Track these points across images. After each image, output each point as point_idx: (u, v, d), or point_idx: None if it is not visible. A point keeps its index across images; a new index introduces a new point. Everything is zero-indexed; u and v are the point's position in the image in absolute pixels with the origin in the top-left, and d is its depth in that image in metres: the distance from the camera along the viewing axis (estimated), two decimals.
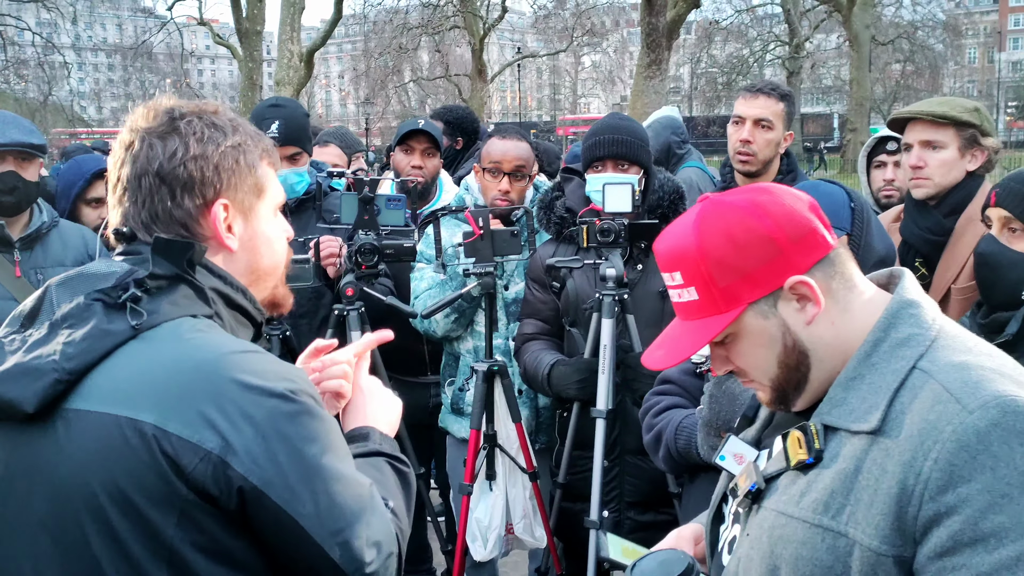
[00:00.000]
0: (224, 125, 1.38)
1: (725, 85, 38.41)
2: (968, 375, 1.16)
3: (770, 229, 1.24)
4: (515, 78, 48.39)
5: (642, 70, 15.07)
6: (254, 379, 1.23)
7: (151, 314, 1.26)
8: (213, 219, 1.36)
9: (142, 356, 1.24)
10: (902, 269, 1.35)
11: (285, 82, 20.73)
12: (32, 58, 32.47)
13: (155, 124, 1.35)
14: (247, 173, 1.39)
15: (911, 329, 1.23)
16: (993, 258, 2.23)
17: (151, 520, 1.19)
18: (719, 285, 1.25)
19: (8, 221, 2.78)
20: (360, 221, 2.89)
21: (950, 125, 2.70)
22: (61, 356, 1.22)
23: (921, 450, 1.12)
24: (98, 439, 1.20)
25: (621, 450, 2.88)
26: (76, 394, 1.23)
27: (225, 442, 1.19)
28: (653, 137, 4.58)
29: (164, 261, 1.30)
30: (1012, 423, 1.10)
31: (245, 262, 1.41)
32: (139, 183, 1.34)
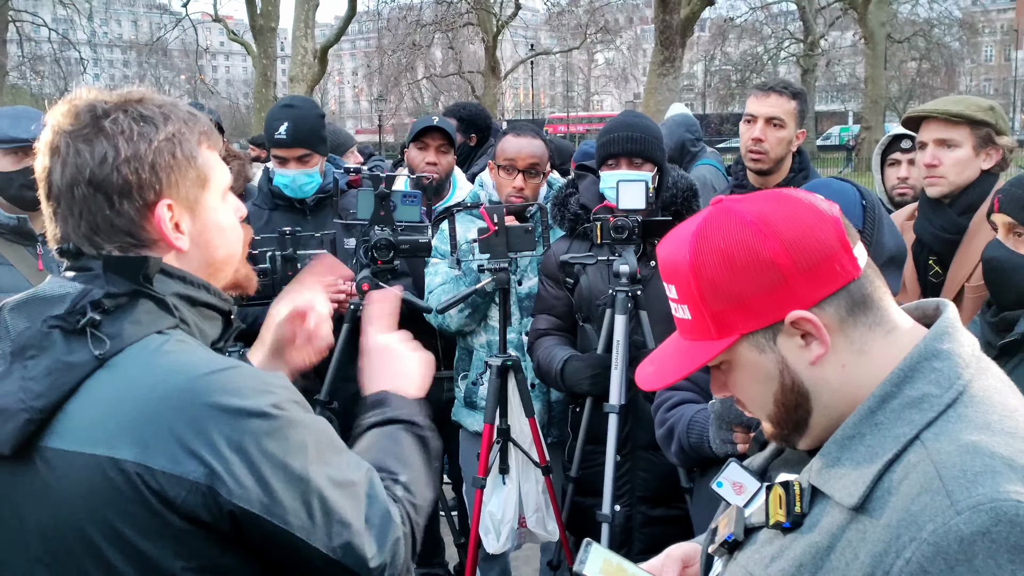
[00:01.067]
0: (153, 116, 1.28)
1: (739, 83, 38.29)
2: (971, 462, 0.98)
3: (775, 253, 1.07)
4: (528, 75, 48.39)
5: (656, 67, 15.06)
6: (232, 399, 1.19)
7: (113, 339, 1.20)
8: (158, 221, 1.27)
9: (111, 388, 1.19)
10: (946, 303, 1.17)
11: (299, 79, 20.80)
12: (48, 54, 32.71)
13: (78, 125, 1.25)
14: (187, 166, 1.30)
15: (927, 388, 1.06)
16: (1000, 262, 2.24)
17: (148, 553, 1.18)
18: (711, 309, 1.11)
19: (31, 215, 2.82)
20: (376, 217, 2.92)
21: (965, 124, 2.71)
22: (28, 394, 1.18)
23: (896, 545, 0.98)
24: (81, 480, 1.17)
25: (633, 445, 2.90)
26: (51, 432, 1.19)
27: (210, 470, 1.16)
28: (667, 135, 4.61)
29: (118, 278, 1.24)
30: (1004, 535, 0.93)
31: (200, 258, 1.34)
32: (72, 193, 1.25)
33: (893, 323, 1.12)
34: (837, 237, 1.09)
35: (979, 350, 1.13)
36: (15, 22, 28.48)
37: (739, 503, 1.24)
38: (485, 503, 3.03)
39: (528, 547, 3.66)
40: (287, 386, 1.28)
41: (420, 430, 1.48)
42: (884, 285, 1.14)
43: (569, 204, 3.07)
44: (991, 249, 2.28)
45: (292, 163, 3.31)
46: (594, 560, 1.39)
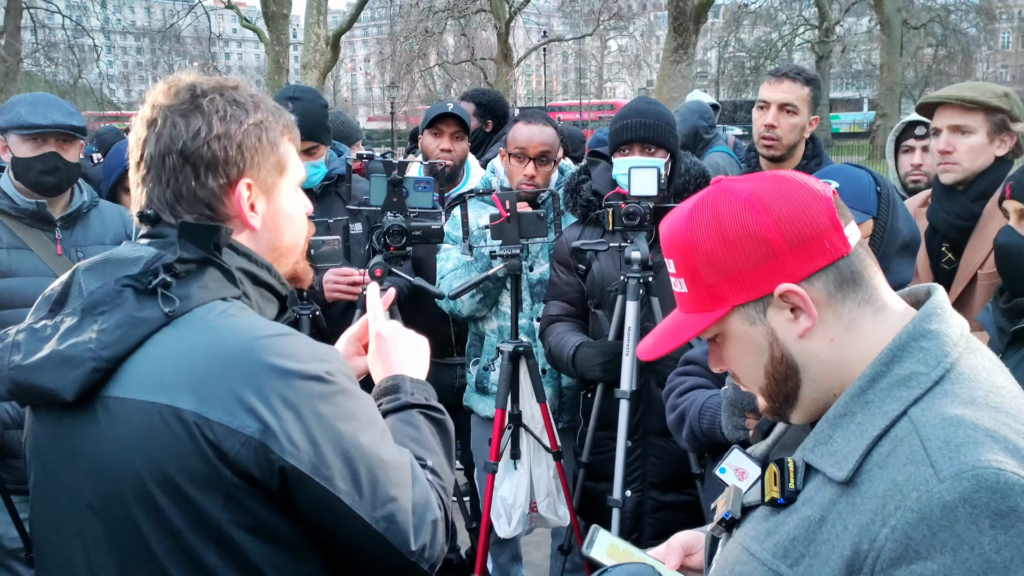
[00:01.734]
0: (245, 102, 1.37)
1: (753, 70, 38.03)
2: (954, 434, 1.01)
3: (766, 228, 1.11)
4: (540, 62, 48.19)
5: (669, 54, 14.98)
6: (288, 362, 1.23)
7: (182, 300, 1.26)
8: (237, 199, 1.35)
9: (177, 343, 1.24)
10: (937, 287, 1.20)
11: (311, 66, 20.79)
12: (62, 41, 32.79)
13: (176, 101, 1.34)
14: (270, 151, 1.38)
15: (915, 366, 1.09)
16: (1012, 249, 2.23)
17: (198, 503, 1.21)
18: (705, 282, 1.15)
19: (50, 201, 2.85)
20: (389, 203, 2.93)
21: (980, 110, 2.70)
22: (97, 344, 1.23)
23: (881, 514, 1.01)
24: (141, 427, 1.22)
25: (644, 431, 2.92)
26: (114, 382, 1.24)
27: (264, 426, 1.20)
28: (680, 122, 4.60)
29: (191, 245, 1.29)
30: (985, 500, 0.96)
31: (267, 240, 1.40)
32: (163, 162, 1.32)
33: (882, 302, 1.15)
34: (828, 215, 1.12)
35: (968, 331, 1.16)
36: (29, 9, 28.56)
37: (744, 487, 1.26)
38: (497, 488, 3.05)
39: (539, 532, 3.68)
40: (340, 359, 1.33)
41: (436, 413, 1.50)
42: (875, 265, 1.17)
43: (582, 190, 3.08)
44: (1003, 235, 2.27)
45: (299, 156, 3.32)
46: (601, 543, 1.43)
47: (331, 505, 1.24)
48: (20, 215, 2.82)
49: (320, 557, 1.31)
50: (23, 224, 2.83)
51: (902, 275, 2.14)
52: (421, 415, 1.49)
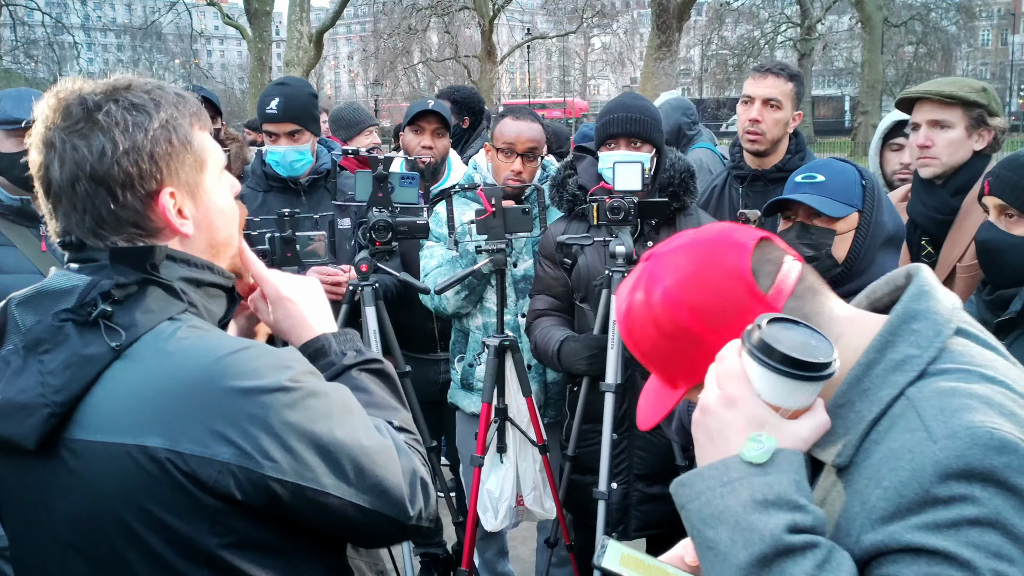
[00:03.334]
0: (144, 103, 1.27)
1: (736, 67, 38.16)
2: (949, 402, 1.02)
3: (687, 321, 1.15)
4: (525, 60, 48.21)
5: (652, 52, 15.02)
6: (249, 380, 1.21)
7: (127, 329, 1.22)
8: (162, 210, 1.28)
9: (131, 378, 1.21)
10: (918, 267, 1.22)
11: (294, 63, 20.72)
12: (42, 38, 32.47)
13: (72, 121, 1.25)
14: (184, 151, 1.29)
15: (908, 349, 1.11)
16: (993, 244, 2.27)
17: (183, 533, 1.20)
18: (657, 369, 1.23)
19: (33, 196, 2.83)
20: (374, 198, 2.94)
21: (958, 105, 2.73)
22: (47, 389, 1.19)
23: (875, 479, 1.02)
24: (112, 469, 1.19)
25: (630, 423, 2.93)
26: (74, 423, 1.21)
27: (239, 450, 1.18)
28: (663, 118, 4.61)
29: (126, 268, 1.25)
30: (979, 457, 0.97)
31: (204, 240, 1.35)
32: (73, 189, 1.24)
33: (837, 334, 1.15)
34: (746, 290, 1.14)
35: (960, 304, 1.17)
36: (8, 6, 28.28)
37: None
38: (483, 482, 3.06)
39: (525, 526, 3.69)
40: (300, 359, 1.30)
41: (374, 364, 1.47)
42: (821, 295, 1.18)
43: (567, 185, 3.09)
44: (983, 231, 2.30)
45: (283, 139, 3.33)
46: (612, 555, 1.42)
47: (323, 501, 1.24)
48: (4, 212, 2.80)
49: (311, 557, 1.32)
50: (7, 221, 2.81)
51: (887, 268, 2.17)
52: (363, 373, 1.45)
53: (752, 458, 1.01)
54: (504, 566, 3.78)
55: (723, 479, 1.02)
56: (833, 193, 2.17)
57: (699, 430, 1.09)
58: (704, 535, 1.02)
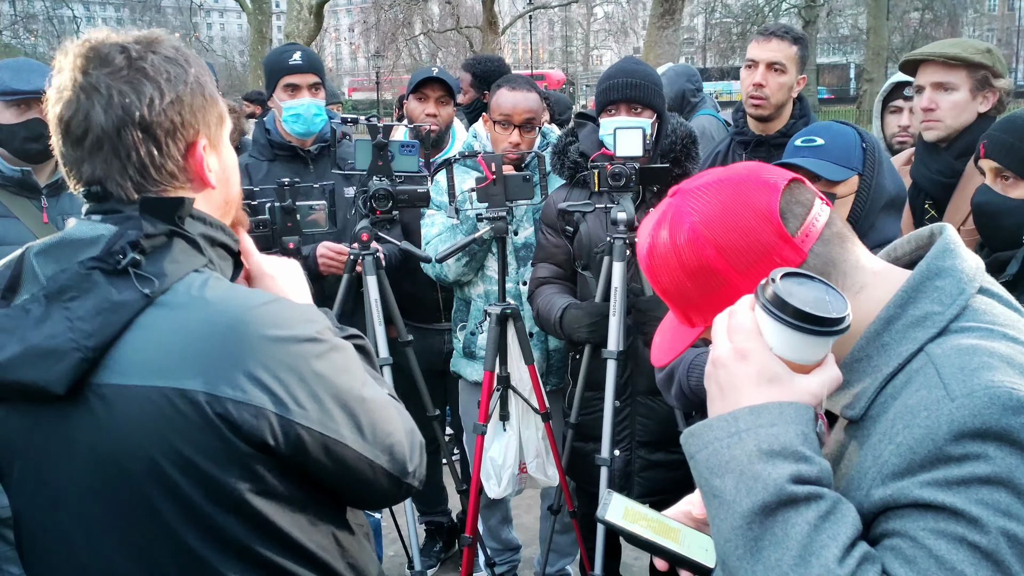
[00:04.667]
0: (176, 57, 1.31)
1: (739, 35, 37.78)
2: (969, 360, 1.01)
3: (712, 259, 1.13)
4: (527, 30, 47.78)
5: (655, 20, 14.85)
6: (283, 330, 1.25)
7: (159, 278, 1.23)
8: (198, 161, 1.32)
9: (166, 323, 1.22)
10: (944, 226, 1.19)
11: (295, 35, 20.47)
12: (41, 12, 32.23)
13: (115, 67, 1.25)
14: (212, 105, 1.34)
15: (930, 306, 1.09)
16: (990, 207, 2.25)
17: (215, 477, 1.22)
18: (677, 306, 1.22)
19: (35, 168, 2.82)
20: (374, 167, 2.92)
21: (962, 67, 2.70)
22: (79, 333, 1.19)
23: (888, 435, 1.01)
24: (148, 411, 1.20)
25: (632, 391, 2.94)
26: (104, 368, 1.21)
27: (274, 396, 1.21)
28: (667, 85, 4.57)
29: (155, 219, 1.26)
30: (996, 417, 0.95)
31: (221, 196, 1.38)
32: (119, 136, 1.25)
33: (861, 283, 1.14)
34: (774, 231, 1.12)
35: (983, 266, 1.15)
36: None
37: None
38: (486, 449, 3.07)
39: (529, 493, 3.72)
40: (322, 315, 1.35)
41: (355, 339, 1.48)
42: (851, 240, 1.17)
43: (569, 152, 3.07)
44: (980, 194, 2.28)
45: (305, 91, 3.34)
46: (616, 507, 1.42)
47: (342, 453, 1.28)
48: (6, 183, 2.79)
49: (326, 511, 1.36)
50: (9, 192, 2.80)
51: (888, 232, 2.15)
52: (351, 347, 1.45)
53: None
54: (508, 533, 3.81)
55: (731, 430, 1.03)
56: (833, 156, 2.15)
57: (711, 382, 1.09)
58: (711, 484, 1.03)
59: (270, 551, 1.28)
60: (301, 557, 1.32)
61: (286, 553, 1.30)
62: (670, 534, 1.36)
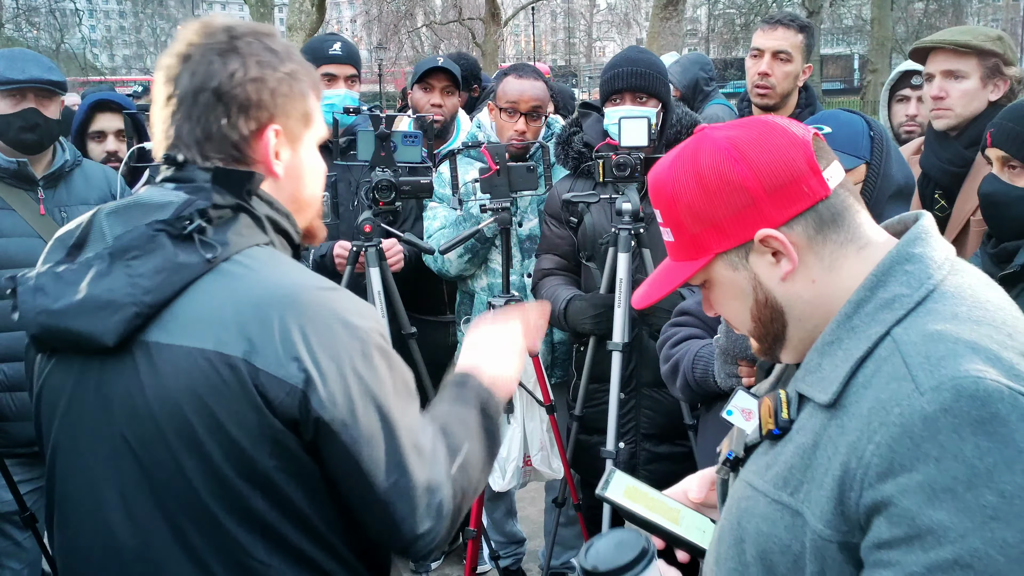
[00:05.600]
0: (280, 50, 1.37)
1: (743, 26, 37.66)
2: (936, 348, 1.02)
3: (743, 176, 1.13)
4: (529, 22, 47.66)
5: (658, 11, 14.79)
6: (336, 317, 1.25)
7: (222, 246, 1.26)
8: (264, 144, 1.34)
9: (222, 290, 1.24)
10: (923, 213, 1.21)
11: (297, 27, 20.43)
12: (43, 5, 32.23)
13: (214, 40, 1.33)
14: (299, 101, 1.38)
15: (899, 288, 1.10)
16: (997, 196, 2.21)
17: (247, 450, 1.22)
18: (689, 231, 1.18)
19: (31, 159, 2.80)
20: (377, 158, 2.90)
21: (973, 54, 2.66)
22: (138, 289, 1.22)
23: (867, 432, 1.02)
24: (189, 372, 1.21)
25: (637, 383, 2.92)
26: (155, 327, 1.23)
27: (307, 376, 1.21)
28: (681, 72, 4.55)
29: (224, 191, 1.29)
30: (966, 409, 0.96)
31: (289, 190, 1.40)
32: (195, 99, 1.31)
33: (866, 239, 1.16)
34: (806, 160, 1.14)
35: (954, 255, 1.16)
36: None
37: (749, 429, 1.27)
38: None
39: (533, 486, 3.70)
40: (380, 319, 1.35)
41: (488, 420, 1.48)
42: (859, 203, 1.19)
43: (573, 143, 3.04)
44: (986, 184, 2.25)
45: (342, 82, 3.33)
46: (617, 485, 1.42)
47: (350, 466, 1.25)
48: (1, 175, 2.77)
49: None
50: (5, 184, 2.78)
51: None
52: (477, 407, 1.47)
53: None
54: (512, 526, 3.79)
55: None
56: (839, 145, 2.12)
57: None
58: None
59: (296, 535, 1.27)
60: (324, 546, 1.31)
61: (311, 540, 1.29)
62: (669, 514, 1.38)
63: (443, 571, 3.95)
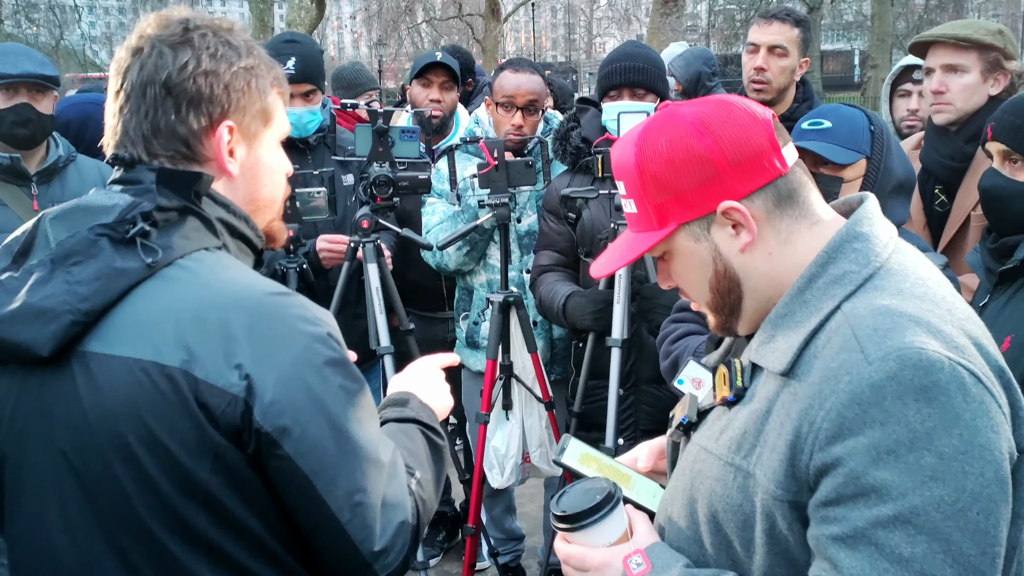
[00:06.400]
0: (239, 45, 1.30)
1: (743, 22, 37.56)
2: (882, 321, 1.08)
3: (708, 149, 1.17)
4: (529, 17, 47.61)
5: (658, 7, 14.79)
6: (284, 322, 1.20)
7: (164, 250, 1.20)
8: (217, 141, 1.28)
9: (162, 297, 1.19)
10: (866, 194, 1.27)
11: (297, 23, 20.41)
12: (42, 2, 32.16)
13: (167, 32, 1.27)
14: (257, 97, 1.31)
15: (848, 265, 1.16)
16: (997, 191, 2.20)
17: (185, 465, 1.16)
18: (653, 202, 1.21)
19: (24, 155, 2.79)
20: (375, 153, 2.88)
21: (973, 48, 2.65)
22: (74, 297, 1.16)
23: (818, 399, 1.08)
24: (125, 384, 1.16)
25: (636, 379, 2.91)
26: (93, 336, 1.18)
27: (249, 384, 1.15)
28: (684, 66, 4.53)
29: (170, 192, 1.23)
30: (909, 377, 1.03)
31: (245, 190, 1.34)
32: (143, 92, 1.25)
33: (817, 216, 1.22)
34: (767, 136, 1.19)
35: (896, 234, 1.23)
36: None
37: (701, 396, 1.34)
38: (489, 439, 3.05)
39: (532, 483, 3.69)
40: (335, 326, 1.27)
41: (437, 437, 1.47)
42: (811, 183, 1.24)
43: (571, 138, 3.03)
44: (987, 178, 2.24)
45: (298, 99, 3.26)
46: (572, 451, 1.50)
47: (297, 481, 1.18)
48: None
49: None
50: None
51: (896, 216, 2.11)
52: (421, 433, 1.45)
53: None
54: (512, 523, 3.78)
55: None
56: (840, 139, 2.11)
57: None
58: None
59: (244, 556, 1.21)
60: (278, 566, 1.24)
61: (263, 560, 1.22)
62: (621, 479, 1.44)
63: (442, 568, 3.94)
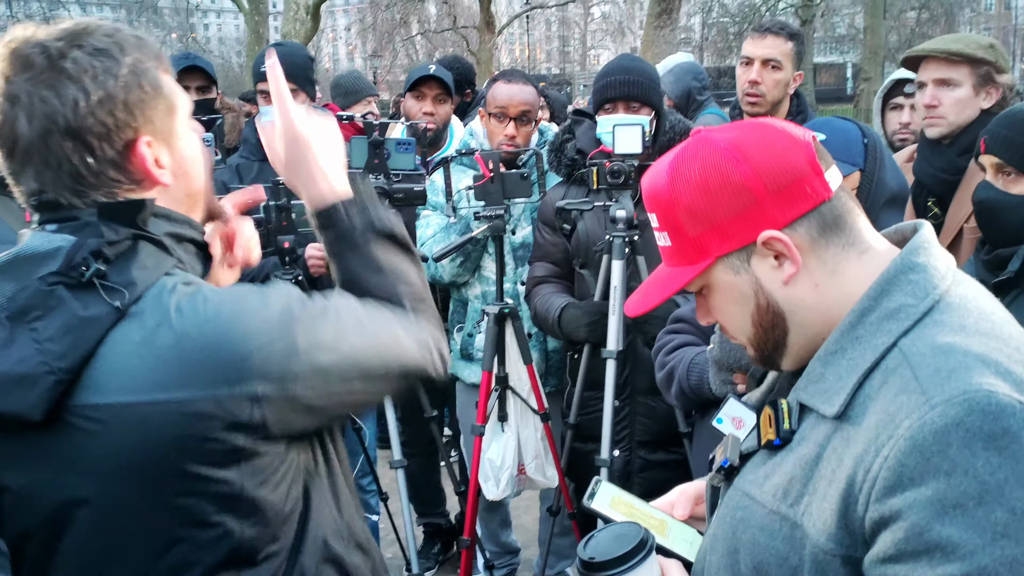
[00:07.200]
0: (109, 47, 1.20)
1: (737, 35, 37.73)
2: (945, 361, 0.99)
3: (746, 177, 1.10)
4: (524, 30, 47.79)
5: (652, 20, 14.84)
6: (253, 342, 1.18)
7: (128, 287, 1.16)
8: (140, 160, 1.22)
9: (146, 335, 1.15)
10: (922, 223, 1.18)
11: (292, 36, 20.41)
12: (38, 12, 32.13)
13: (35, 71, 1.16)
14: (156, 97, 1.23)
15: (904, 299, 1.07)
16: (991, 203, 2.22)
17: (218, 479, 1.18)
18: (688, 234, 1.14)
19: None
20: (370, 165, 2.89)
21: (965, 62, 2.67)
22: (49, 356, 1.12)
23: (874, 445, 0.99)
24: (138, 427, 1.14)
25: (632, 390, 2.91)
26: (83, 389, 1.14)
27: (265, 379, 1.17)
28: (674, 82, 4.55)
29: (116, 224, 1.19)
30: (978, 424, 0.94)
31: (181, 190, 1.30)
32: (46, 145, 1.16)
33: (867, 244, 1.14)
34: (808, 160, 1.11)
35: (955, 265, 1.14)
36: None
37: (742, 437, 1.25)
38: (484, 451, 3.04)
39: (528, 495, 3.69)
40: (292, 293, 1.27)
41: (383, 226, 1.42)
42: (858, 208, 1.16)
43: (566, 150, 3.04)
44: (980, 191, 2.25)
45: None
46: (603, 495, 1.40)
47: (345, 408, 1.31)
48: None
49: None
50: None
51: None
52: (371, 239, 1.40)
53: None
54: (507, 536, 3.77)
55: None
56: (833, 152, 2.10)
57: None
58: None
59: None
60: None
61: None
62: (656, 525, 1.35)
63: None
